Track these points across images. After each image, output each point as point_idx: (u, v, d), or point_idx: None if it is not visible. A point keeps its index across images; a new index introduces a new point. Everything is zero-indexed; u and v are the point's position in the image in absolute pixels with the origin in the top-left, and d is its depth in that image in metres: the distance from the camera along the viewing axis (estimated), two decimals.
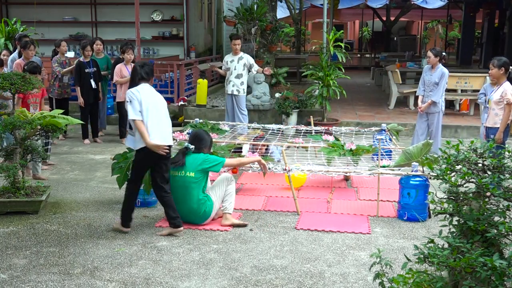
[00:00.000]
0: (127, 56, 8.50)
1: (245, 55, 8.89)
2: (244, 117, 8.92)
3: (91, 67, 8.71)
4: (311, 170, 5.69)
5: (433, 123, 7.58)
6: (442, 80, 7.43)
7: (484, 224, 2.86)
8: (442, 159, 3.16)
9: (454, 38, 30.61)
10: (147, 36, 13.88)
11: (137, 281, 3.88)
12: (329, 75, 9.47)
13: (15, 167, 5.33)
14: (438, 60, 7.50)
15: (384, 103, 12.49)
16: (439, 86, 7.44)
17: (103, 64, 9.22)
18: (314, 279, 3.94)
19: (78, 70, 8.66)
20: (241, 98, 8.90)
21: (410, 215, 5.20)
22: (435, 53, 7.52)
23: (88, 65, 8.69)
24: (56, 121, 5.57)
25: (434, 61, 7.49)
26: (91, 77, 8.67)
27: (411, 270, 2.97)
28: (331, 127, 7.99)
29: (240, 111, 8.91)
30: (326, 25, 10.65)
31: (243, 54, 8.91)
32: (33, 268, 4.10)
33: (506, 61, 6.33)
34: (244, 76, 8.83)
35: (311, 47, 30.17)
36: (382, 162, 5.76)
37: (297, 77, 15.08)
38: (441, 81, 7.43)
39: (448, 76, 7.55)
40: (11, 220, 5.14)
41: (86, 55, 8.68)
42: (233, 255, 4.38)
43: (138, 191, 4.97)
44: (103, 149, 8.41)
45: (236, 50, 8.85)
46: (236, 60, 8.82)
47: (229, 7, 14.39)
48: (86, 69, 8.65)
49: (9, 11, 14.43)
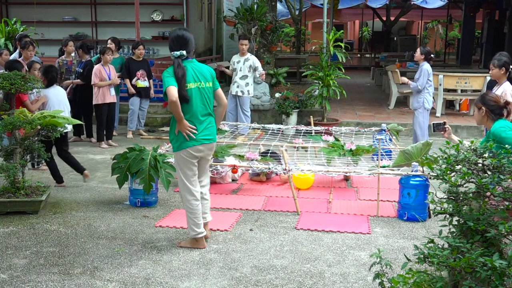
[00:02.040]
0: (106, 57, 8.46)
1: (252, 57, 8.91)
2: (247, 118, 8.93)
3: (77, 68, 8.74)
4: (311, 170, 5.69)
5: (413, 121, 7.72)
6: (420, 74, 7.58)
7: (484, 224, 2.86)
8: (442, 159, 3.16)
9: (454, 38, 30.60)
10: (147, 36, 13.86)
11: (137, 281, 3.88)
12: (329, 75, 9.47)
13: (15, 167, 5.33)
14: (423, 58, 7.65)
15: (384, 103, 12.49)
16: (419, 80, 7.61)
17: (116, 64, 9.24)
18: (314, 279, 3.94)
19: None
20: (245, 99, 8.91)
21: (410, 215, 5.20)
22: (421, 51, 7.71)
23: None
24: (56, 121, 5.57)
25: (418, 58, 7.70)
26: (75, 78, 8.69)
27: (411, 270, 2.97)
28: (331, 127, 7.99)
29: (243, 112, 8.92)
30: (326, 25, 10.64)
31: (250, 56, 8.92)
32: (33, 268, 4.10)
33: (507, 61, 6.33)
34: (249, 78, 8.85)
35: (311, 47, 30.17)
36: (382, 162, 5.76)
37: (297, 77, 15.08)
38: (420, 75, 7.58)
39: (429, 73, 7.62)
40: (11, 220, 5.14)
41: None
42: (233, 255, 4.38)
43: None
44: (103, 149, 8.41)
45: (243, 50, 8.86)
46: (242, 61, 8.84)
47: (229, 7, 14.38)
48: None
49: (9, 11, 14.41)
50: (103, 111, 8.47)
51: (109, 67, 8.54)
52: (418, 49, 7.78)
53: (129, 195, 5.69)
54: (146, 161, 5.36)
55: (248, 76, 8.81)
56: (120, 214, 5.37)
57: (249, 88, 8.89)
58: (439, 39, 33.68)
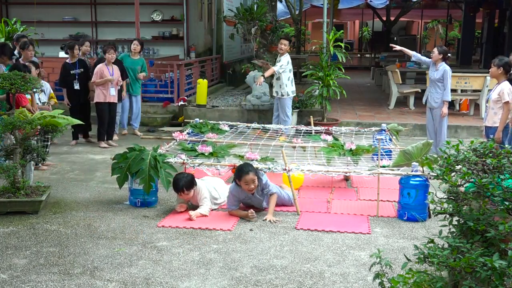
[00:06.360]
0: (109, 56, 8.46)
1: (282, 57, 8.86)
2: (286, 120, 8.91)
3: (77, 68, 8.68)
4: (311, 170, 5.69)
5: (436, 119, 7.60)
6: (447, 77, 7.44)
7: (484, 224, 2.86)
8: (442, 159, 3.16)
9: (454, 38, 30.62)
10: (147, 36, 13.87)
11: (137, 281, 3.88)
12: (329, 75, 9.47)
13: (15, 167, 5.33)
14: (441, 57, 7.49)
15: (384, 103, 12.49)
16: (444, 84, 7.45)
17: (137, 65, 9.22)
18: (314, 279, 3.94)
19: (63, 71, 8.67)
20: (282, 101, 8.89)
21: (410, 215, 5.20)
22: (439, 50, 7.54)
23: (74, 66, 8.67)
24: (56, 121, 5.56)
25: (436, 58, 7.50)
26: (76, 79, 8.64)
27: (411, 270, 2.97)
28: (331, 127, 7.99)
29: (283, 114, 8.92)
30: (326, 25, 10.65)
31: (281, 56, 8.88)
32: (33, 268, 4.10)
33: (507, 62, 6.34)
34: (282, 79, 8.80)
35: (311, 47, 30.13)
36: (382, 162, 5.76)
37: (297, 77, 15.06)
38: (445, 79, 7.44)
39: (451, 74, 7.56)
40: (11, 220, 5.14)
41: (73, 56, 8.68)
42: (233, 255, 4.38)
43: None
44: (103, 149, 8.41)
45: (280, 50, 8.90)
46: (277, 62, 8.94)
47: (229, 7, 14.38)
48: (71, 71, 8.63)
49: (9, 11, 14.42)
50: (104, 110, 8.46)
51: (112, 66, 8.51)
52: (436, 49, 7.61)
53: (129, 195, 5.69)
54: (146, 161, 5.36)
55: (279, 77, 8.81)
56: (120, 214, 5.38)
57: (283, 90, 8.88)
58: (439, 39, 33.67)
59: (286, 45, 8.82)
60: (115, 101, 8.66)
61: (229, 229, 4.94)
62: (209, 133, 7.08)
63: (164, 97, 11.08)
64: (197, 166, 5.77)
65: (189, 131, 7.15)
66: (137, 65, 9.32)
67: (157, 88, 11.29)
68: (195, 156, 6.01)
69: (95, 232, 4.87)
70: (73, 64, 8.66)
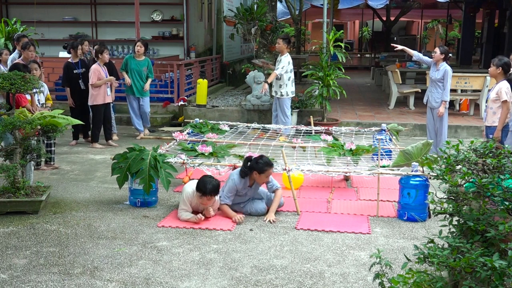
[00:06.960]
0: (106, 56, 8.47)
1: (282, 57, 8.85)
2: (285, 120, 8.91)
3: (79, 68, 8.68)
4: (311, 170, 5.69)
5: (437, 119, 7.60)
6: (447, 78, 7.43)
7: (484, 224, 2.86)
8: (442, 159, 3.16)
9: (454, 38, 30.62)
10: (147, 36, 13.87)
11: (137, 281, 3.88)
12: (329, 75, 9.47)
13: (15, 167, 5.33)
14: (442, 58, 7.49)
15: (384, 103, 12.49)
16: (445, 84, 7.45)
17: (143, 66, 9.21)
18: (314, 279, 3.94)
19: (66, 71, 8.66)
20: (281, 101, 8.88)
21: (410, 215, 5.20)
22: (441, 50, 7.54)
23: (76, 66, 8.67)
24: (56, 121, 5.56)
25: (438, 58, 7.50)
26: (80, 78, 8.65)
27: (411, 270, 2.97)
28: (331, 127, 7.99)
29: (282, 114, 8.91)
30: (326, 25, 10.64)
31: (281, 56, 8.86)
32: (33, 268, 4.10)
33: (507, 63, 6.35)
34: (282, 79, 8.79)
35: (311, 47, 30.17)
36: (382, 162, 5.76)
37: (297, 77, 15.07)
38: (446, 79, 7.44)
39: (451, 75, 7.56)
40: (11, 220, 5.14)
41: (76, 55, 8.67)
42: (233, 255, 4.38)
43: None
44: (103, 149, 8.41)
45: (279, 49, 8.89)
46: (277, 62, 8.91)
47: (229, 7, 14.39)
48: (74, 70, 8.63)
49: (9, 11, 14.42)
50: (101, 112, 8.48)
51: (104, 67, 8.53)
52: (437, 49, 7.61)
53: (129, 195, 5.69)
54: (146, 161, 5.36)
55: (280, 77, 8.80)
56: (120, 214, 5.38)
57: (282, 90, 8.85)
58: (439, 39, 33.69)
59: (280, 44, 8.78)
60: (110, 101, 8.70)
61: (229, 229, 4.94)
62: (209, 133, 7.08)
63: (164, 97, 11.09)
64: (197, 166, 5.78)
65: (189, 131, 7.15)
66: (143, 66, 9.21)
67: (157, 88, 11.30)
68: (195, 156, 6.01)
69: (95, 232, 4.87)
70: (76, 64, 8.66)
